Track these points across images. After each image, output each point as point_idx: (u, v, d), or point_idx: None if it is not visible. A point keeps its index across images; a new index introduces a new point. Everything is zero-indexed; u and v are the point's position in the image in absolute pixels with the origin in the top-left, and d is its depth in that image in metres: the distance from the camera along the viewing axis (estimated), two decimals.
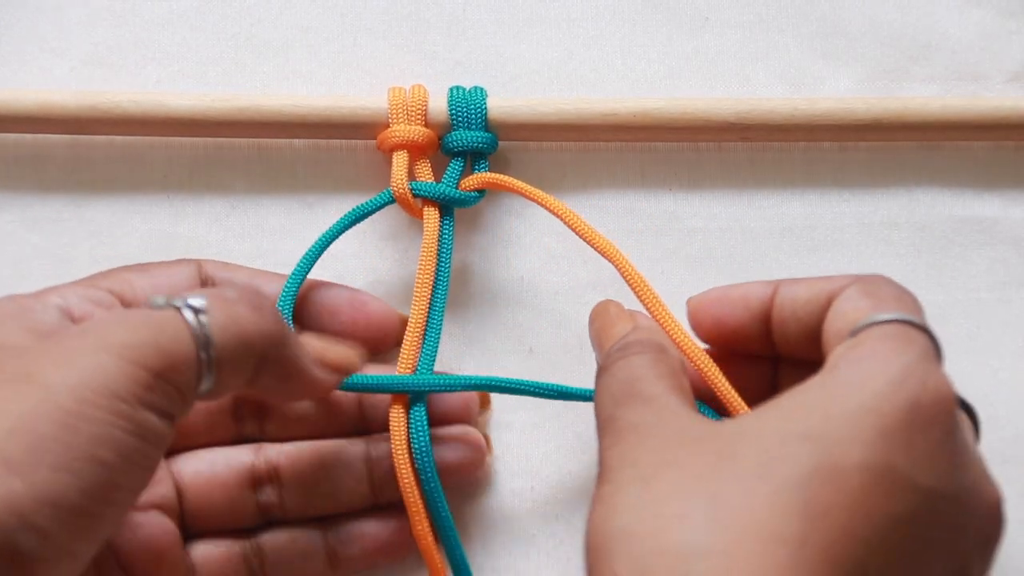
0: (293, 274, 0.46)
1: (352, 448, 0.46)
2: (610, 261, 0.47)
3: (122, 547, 0.42)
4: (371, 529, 0.46)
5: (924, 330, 0.36)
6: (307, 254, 0.47)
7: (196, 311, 0.36)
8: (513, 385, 0.47)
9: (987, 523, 0.35)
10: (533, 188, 0.48)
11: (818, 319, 0.39)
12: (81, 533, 0.33)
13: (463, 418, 0.47)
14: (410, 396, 0.46)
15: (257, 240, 0.51)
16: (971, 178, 0.53)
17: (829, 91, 0.53)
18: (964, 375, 0.51)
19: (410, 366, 0.46)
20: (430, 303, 0.47)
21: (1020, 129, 0.51)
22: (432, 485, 0.45)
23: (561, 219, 0.48)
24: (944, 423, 0.33)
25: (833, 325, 0.37)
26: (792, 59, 0.53)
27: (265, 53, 0.52)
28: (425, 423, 0.45)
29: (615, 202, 0.52)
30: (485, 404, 0.49)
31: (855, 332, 0.36)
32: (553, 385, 0.47)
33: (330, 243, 0.48)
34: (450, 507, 0.45)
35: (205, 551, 0.44)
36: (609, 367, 0.39)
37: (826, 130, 0.51)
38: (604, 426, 0.37)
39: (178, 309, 0.36)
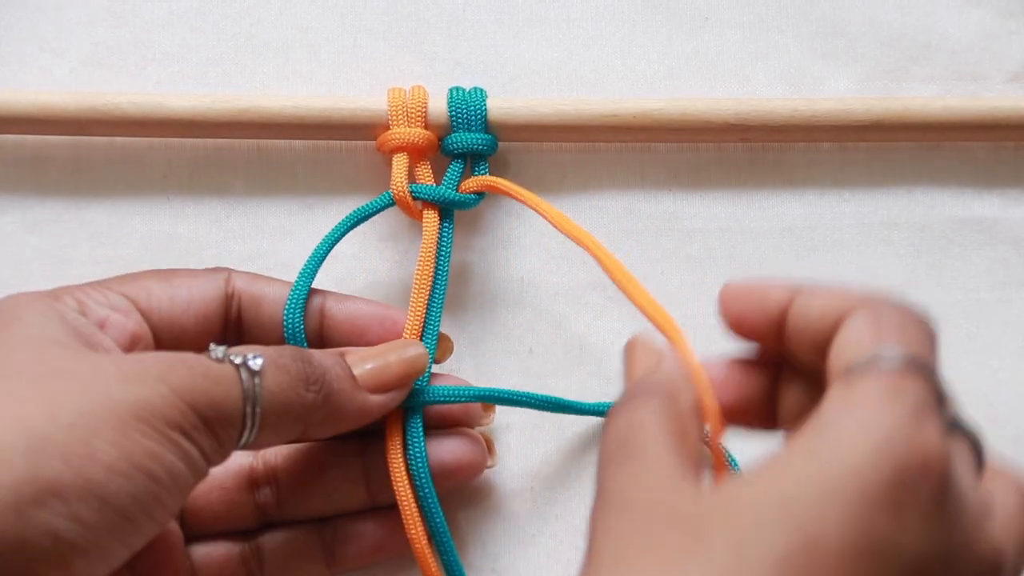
0: (298, 282, 0.46)
1: (349, 449, 0.46)
2: (602, 266, 0.45)
3: None
4: (368, 529, 0.46)
5: (924, 370, 0.33)
6: (310, 260, 0.47)
7: (252, 373, 0.38)
8: (509, 396, 0.47)
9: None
10: (528, 193, 0.48)
11: (826, 341, 0.36)
12: (120, 536, 0.35)
13: (464, 420, 0.47)
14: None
15: (257, 241, 0.51)
16: (971, 178, 0.53)
17: (829, 91, 0.53)
18: (964, 375, 0.51)
19: None
20: (427, 307, 0.47)
21: (1020, 129, 0.51)
22: (427, 492, 0.45)
23: (554, 224, 0.46)
24: (934, 485, 0.30)
25: (835, 359, 0.34)
26: (792, 59, 0.53)
27: (265, 54, 0.52)
28: (421, 432, 0.45)
29: (615, 203, 0.52)
30: (489, 408, 0.49)
31: (850, 371, 0.33)
32: (551, 398, 0.47)
33: (332, 247, 0.47)
34: (449, 508, 0.45)
35: (204, 552, 0.45)
36: (613, 414, 0.36)
37: (826, 131, 0.51)
38: (596, 482, 0.35)
39: (236, 367, 0.38)
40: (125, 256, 0.50)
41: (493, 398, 0.47)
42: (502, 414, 0.49)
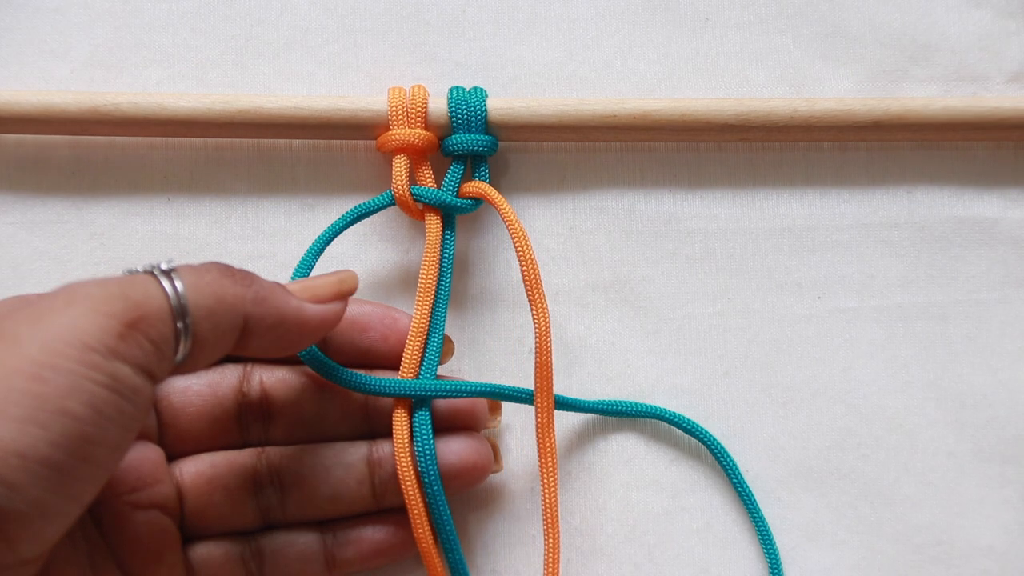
0: (296, 273, 0.46)
1: (354, 451, 0.46)
2: (533, 317, 0.46)
3: (121, 546, 0.42)
4: (369, 533, 0.46)
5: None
6: (308, 252, 0.47)
7: (165, 272, 0.37)
8: (513, 393, 0.47)
9: None
10: (508, 208, 0.48)
11: None
12: (54, 488, 0.33)
13: (470, 424, 0.47)
14: (414, 400, 0.46)
15: (257, 242, 0.51)
16: (971, 178, 0.53)
17: (829, 92, 0.53)
18: (964, 375, 0.51)
19: (413, 370, 0.46)
20: (432, 308, 0.47)
21: (1020, 129, 0.51)
22: (435, 488, 0.45)
23: (521, 263, 0.47)
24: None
25: None
26: (792, 60, 0.53)
27: (265, 54, 0.52)
28: (429, 427, 0.45)
29: (615, 203, 0.52)
30: (496, 411, 0.48)
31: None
32: (556, 396, 0.48)
33: (331, 241, 0.48)
34: (451, 508, 0.45)
35: (204, 552, 0.44)
36: None
37: (826, 131, 0.51)
38: None
39: (148, 272, 0.37)
40: (125, 256, 0.50)
41: (496, 394, 0.47)
42: (502, 415, 0.49)
